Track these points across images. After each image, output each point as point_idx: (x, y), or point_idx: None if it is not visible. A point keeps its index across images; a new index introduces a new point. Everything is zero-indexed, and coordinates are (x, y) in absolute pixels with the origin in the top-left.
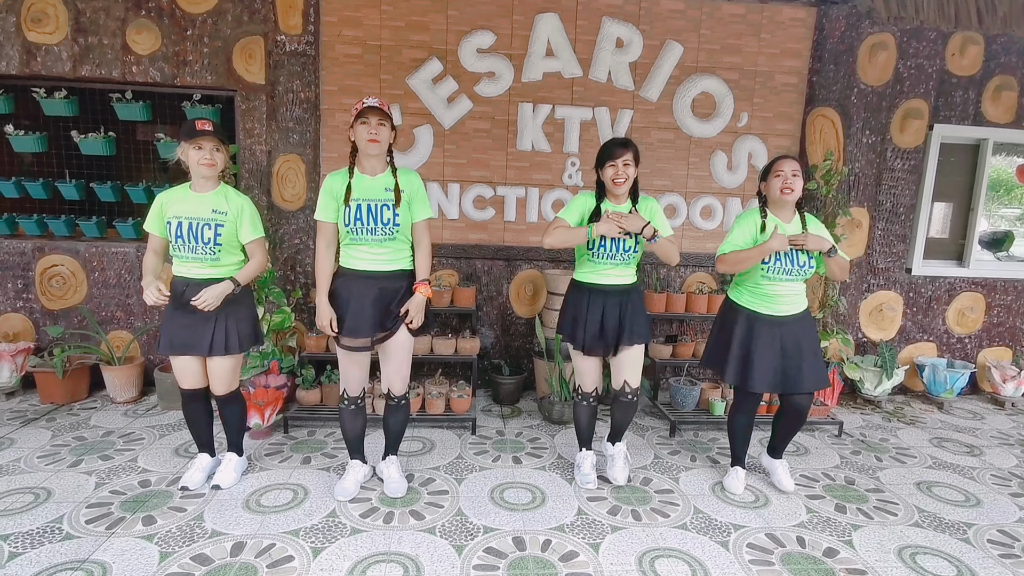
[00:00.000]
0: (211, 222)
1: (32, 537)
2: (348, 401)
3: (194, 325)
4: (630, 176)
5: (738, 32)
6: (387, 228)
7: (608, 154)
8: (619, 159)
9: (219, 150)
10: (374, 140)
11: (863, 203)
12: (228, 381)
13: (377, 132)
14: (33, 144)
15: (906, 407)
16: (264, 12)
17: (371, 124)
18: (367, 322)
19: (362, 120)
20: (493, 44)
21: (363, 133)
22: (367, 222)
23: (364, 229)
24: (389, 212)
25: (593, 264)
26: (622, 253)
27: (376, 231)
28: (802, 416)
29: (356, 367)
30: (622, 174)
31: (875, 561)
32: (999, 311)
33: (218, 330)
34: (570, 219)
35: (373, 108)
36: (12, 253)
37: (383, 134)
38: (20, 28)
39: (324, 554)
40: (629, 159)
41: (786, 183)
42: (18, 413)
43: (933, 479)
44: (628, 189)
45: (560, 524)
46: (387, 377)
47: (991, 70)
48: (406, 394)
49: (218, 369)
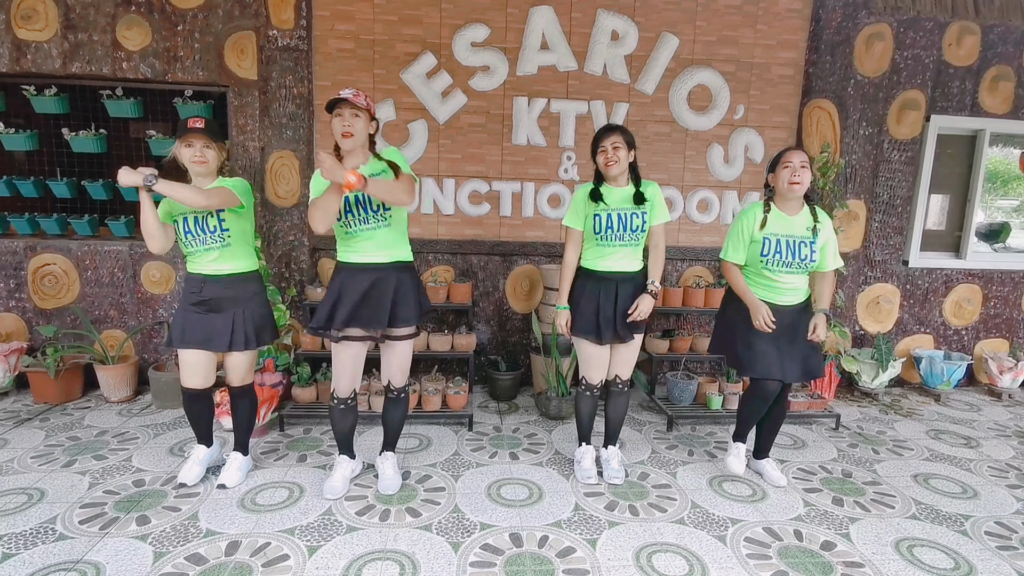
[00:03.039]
0: (212, 210)
1: (25, 538)
2: (338, 401)
3: (210, 322)
4: (621, 159)
5: (734, 24)
6: (378, 215)
7: (597, 140)
8: (608, 142)
9: (209, 147)
10: (348, 133)
11: (860, 195)
12: (243, 374)
13: (351, 124)
14: (24, 142)
15: (903, 399)
16: (255, 7)
17: (344, 116)
18: (367, 315)
19: (336, 113)
20: (487, 38)
21: (337, 126)
22: (357, 212)
23: (356, 220)
24: (377, 199)
25: (601, 248)
26: (630, 233)
27: (369, 220)
28: (783, 407)
29: (349, 367)
30: (612, 157)
31: (872, 554)
32: (996, 302)
33: (237, 327)
34: (576, 224)
35: (343, 100)
36: (4, 252)
37: (358, 126)
38: (10, 25)
39: (320, 552)
40: (619, 142)
41: (795, 175)
42: (11, 413)
43: (930, 471)
44: (624, 173)
45: (557, 520)
46: (388, 369)
47: (988, 60)
48: (406, 387)
49: (236, 363)
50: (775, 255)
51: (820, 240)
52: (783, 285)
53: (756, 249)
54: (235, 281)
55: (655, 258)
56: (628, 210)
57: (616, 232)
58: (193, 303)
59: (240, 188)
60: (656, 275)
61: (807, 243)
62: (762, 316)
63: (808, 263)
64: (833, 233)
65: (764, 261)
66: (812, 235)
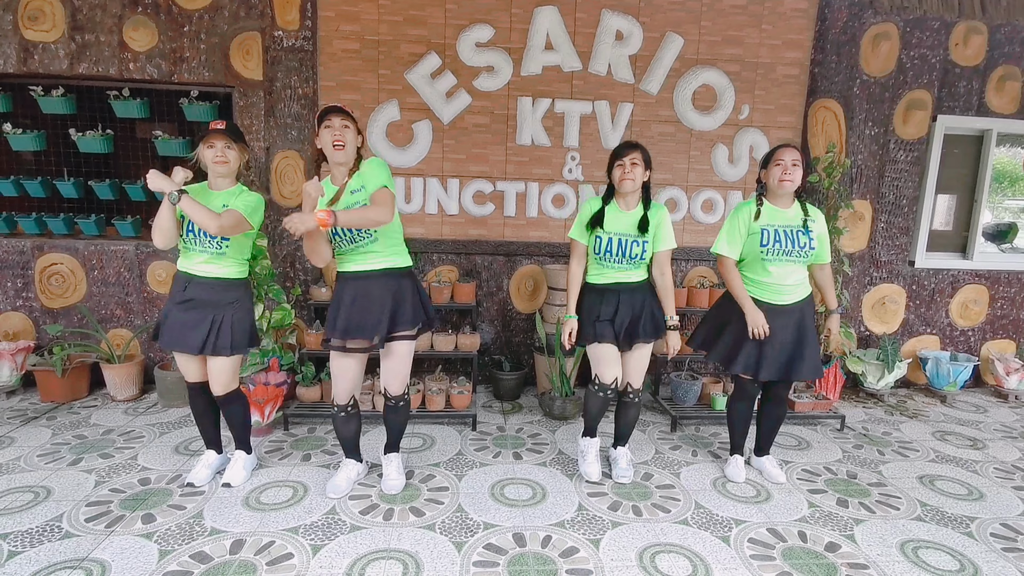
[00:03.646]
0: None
1: (32, 536)
2: (338, 408)
3: (188, 323)
4: (637, 176)
5: (739, 23)
6: (363, 234)
7: (616, 155)
8: (626, 157)
9: (231, 147)
10: (339, 144)
11: (866, 195)
12: (225, 381)
13: (342, 135)
14: (31, 142)
15: (909, 401)
16: (261, 7)
17: (334, 127)
18: (367, 324)
19: (325, 124)
20: (492, 38)
21: (326, 137)
22: (344, 234)
23: (344, 241)
24: None
25: (601, 267)
26: (628, 259)
27: (355, 239)
28: (783, 406)
29: (347, 374)
30: (629, 173)
31: (877, 555)
32: (1003, 303)
33: (212, 331)
34: (580, 238)
35: (335, 109)
36: (11, 252)
37: (348, 136)
38: (17, 26)
39: (323, 551)
40: (637, 158)
41: (785, 172)
42: (18, 412)
43: (936, 473)
44: (636, 192)
45: (560, 520)
46: (384, 375)
47: (995, 60)
48: (404, 395)
49: (215, 369)
50: (775, 244)
51: (815, 231)
52: (784, 283)
53: (755, 241)
54: (219, 285)
55: (664, 287)
56: (629, 237)
57: (615, 256)
58: (178, 301)
59: (252, 207)
60: (670, 308)
61: (804, 232)
62: (759, 326)
63: (808, 251)
64: (825, 227)
65: (764, 251)
66: (804, 227)
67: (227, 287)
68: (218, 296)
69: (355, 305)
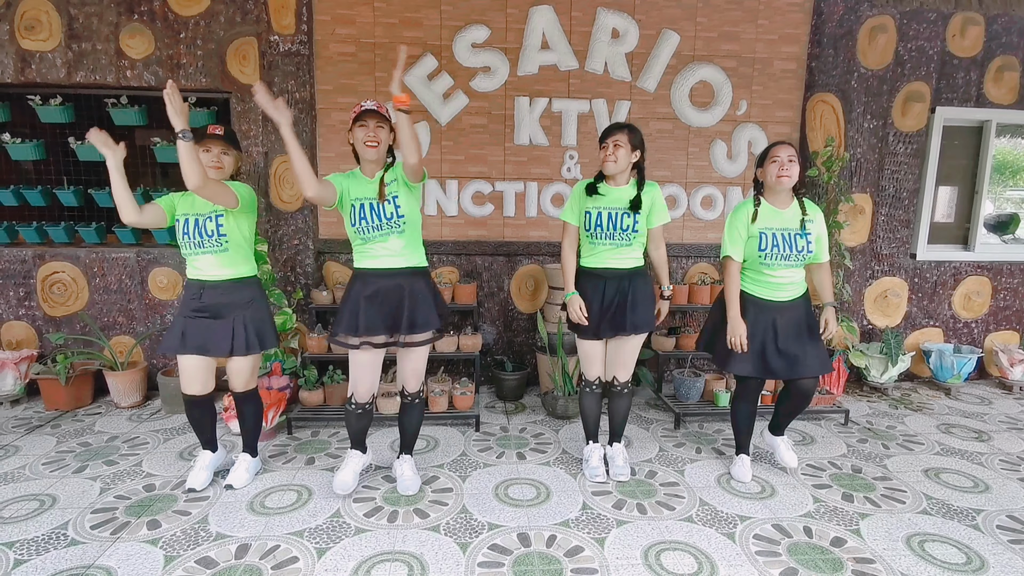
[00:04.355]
0: (212, 215)
1: (37, 544)
2: (356, 406)
3: (212, 327)
4: (620, 158)
5: (735, 19)
6: (391, 222)
7: (603, 136)
8: (610, 139)
9: (227, 153)
10: (372, 143)
11: (866, 189)
12: (247, 379)
13: (376, 134)
14: (30, 152)
15: (913, 394)
16: (256, 13)
17: (369, 127)
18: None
19: (360, 123)
20: (488, 38)
21: (360, 135)
22: (371, 219)
23: (370, 227)
24: (391, 207)
25: (592, 246)
26: (620, 232)
27: (383, 227)
28: (807, 398)
29: (367, 369)
30: (611, 155)
31: (883, 550)
32: (1006, 294)
33: (238, 332)
34: (571, 219)
35: (371, 111)
36: (13, 261)
37: (381, 135)
38: (14, 36)
39: (329, 554)
40: (620, 140)
41: (782, 168)
42: (23, 420)
43: (941, 466)
44: (624, 172)
45: (565, 519)
46: (402, 374)
47: (992, 50)
48: (420, 391)
49: (238, 369)
50: (773, 249)
51: (813, 232)
52: (782, 281)
53: (753, 245)
54: (234, 286)
55: (659, 260)
56: (620, 210)
57: (606, 230)
58: (193, 309)
59: (242, 191)
60: (665, 279)
61: (802, 235)
62: (738, 337)
63: (805, 255)
64: (824, 224)
65: (762, 256)
66: (802, 228)
67: (240, 287)
68: (233, 297)
69: (375, 301)
